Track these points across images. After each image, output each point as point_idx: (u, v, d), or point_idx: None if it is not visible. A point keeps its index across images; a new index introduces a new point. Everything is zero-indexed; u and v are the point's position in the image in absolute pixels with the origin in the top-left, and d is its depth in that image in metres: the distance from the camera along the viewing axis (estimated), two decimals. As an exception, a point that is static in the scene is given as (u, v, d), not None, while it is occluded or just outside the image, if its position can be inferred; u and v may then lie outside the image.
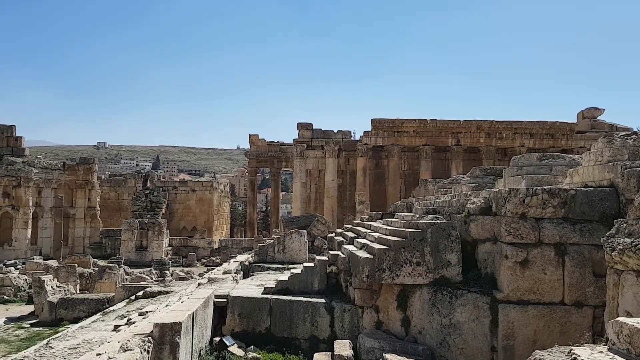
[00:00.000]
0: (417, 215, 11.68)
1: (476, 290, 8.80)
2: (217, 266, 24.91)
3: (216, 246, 40.39)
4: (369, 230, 13.00)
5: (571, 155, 12.21)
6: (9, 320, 17.37)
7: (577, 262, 8.34)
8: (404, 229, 10.05)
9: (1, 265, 29.34)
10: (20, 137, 39.89)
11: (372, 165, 42.46)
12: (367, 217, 18.56)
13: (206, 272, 21.43)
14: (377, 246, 9.86)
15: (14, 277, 22.62)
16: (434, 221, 9.56)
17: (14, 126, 39.89)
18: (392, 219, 13.04)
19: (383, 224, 12.74)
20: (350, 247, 11.62)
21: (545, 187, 8.85)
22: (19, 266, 29.00)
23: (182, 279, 24.84)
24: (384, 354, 8.30)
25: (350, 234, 15.30)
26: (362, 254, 10.04)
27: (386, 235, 10.68)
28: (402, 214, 13.71)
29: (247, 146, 56.14)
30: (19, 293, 21.65)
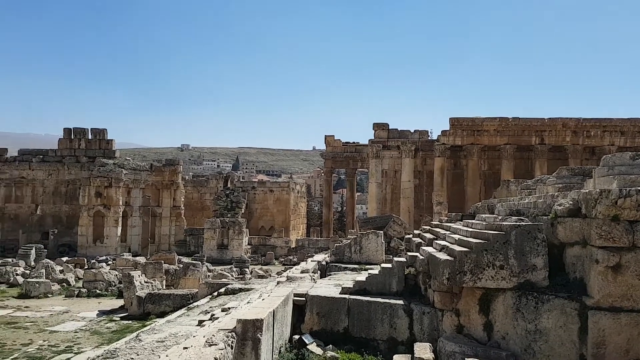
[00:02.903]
0: (500, 217, 11.32)
1: (564, 295, 8.41)
2: (294, 265, 25.31)
3: (293, 245, 41.01)
4: (448, 232, 12.74)
5: (668, 154, 11.39)
6: (101, 313, 18.43)
7: (676, 268, 7.80)
8: (486, 231, 9.77)
9: (94, 260, 31.25)
10: (111, 140, 42.33)
11: (450, 166, 41.60)
12: (446, 218, 18.20)
13: (284, 271, 21.79)
14: (457, 248, 9.65)
15: (106, 273, 23.99)
16: (518, 223, 9.23)
17: (106, 130, 42.42)
18: (473, 221, 12.70)
19: (463, 226, 12.44)
20: (429, 249, 11.44)
21: (640, 188, 8.33)
22: (109, 262, 30.74)
23: (261, 277, 25.42)
24: (465, 359, 8.11)
25: (428, 235, 15.06)
26: (442, 256, 9.86)
27: (467, 237, 10.43)
28: (483, 215, 13.34)
29: (322, 147, 56.59)
30: (110, 287, 22.92)
